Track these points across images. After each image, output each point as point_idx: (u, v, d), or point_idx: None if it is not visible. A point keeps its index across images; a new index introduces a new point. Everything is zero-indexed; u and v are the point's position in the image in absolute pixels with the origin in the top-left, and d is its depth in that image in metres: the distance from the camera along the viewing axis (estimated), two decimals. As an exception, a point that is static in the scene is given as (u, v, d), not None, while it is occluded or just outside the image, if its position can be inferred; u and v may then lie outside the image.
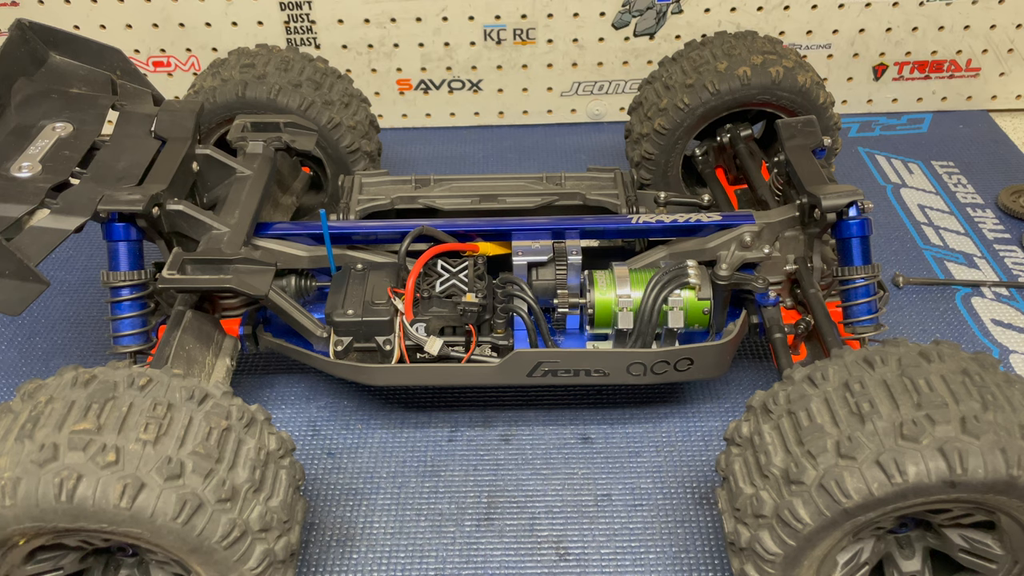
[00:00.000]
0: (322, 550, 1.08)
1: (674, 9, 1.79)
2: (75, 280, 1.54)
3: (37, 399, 0.83)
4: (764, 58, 1.35)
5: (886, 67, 1.89)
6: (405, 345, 1.10)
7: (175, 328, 1.07)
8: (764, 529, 0.81)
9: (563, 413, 1.25)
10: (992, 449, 0.73)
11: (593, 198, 1.29)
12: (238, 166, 1.24)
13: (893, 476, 0.73)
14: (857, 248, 1.10)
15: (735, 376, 1.29)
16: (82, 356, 1.38)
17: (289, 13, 1.79)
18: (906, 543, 0.92)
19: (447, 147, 1.92)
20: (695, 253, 1.16)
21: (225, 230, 1.12)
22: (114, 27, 1.80)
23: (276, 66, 1.41)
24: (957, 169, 1.77)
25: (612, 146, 1.87)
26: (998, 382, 0.80)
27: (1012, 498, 0.76)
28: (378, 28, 1.81)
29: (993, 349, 1.35)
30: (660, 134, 1.41)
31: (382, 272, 1.15)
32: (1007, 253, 1.54)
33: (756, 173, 1.35)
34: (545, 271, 1.18)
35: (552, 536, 1.09)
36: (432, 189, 1.32)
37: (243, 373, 1.33)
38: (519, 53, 1.86)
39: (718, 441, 1.20)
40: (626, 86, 1.91)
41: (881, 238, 1.57)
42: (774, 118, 1.38)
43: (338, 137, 1.42)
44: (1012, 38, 1.84)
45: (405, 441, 1.22)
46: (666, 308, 1.10)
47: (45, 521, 0.77)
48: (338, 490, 1.16)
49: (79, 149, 1.12)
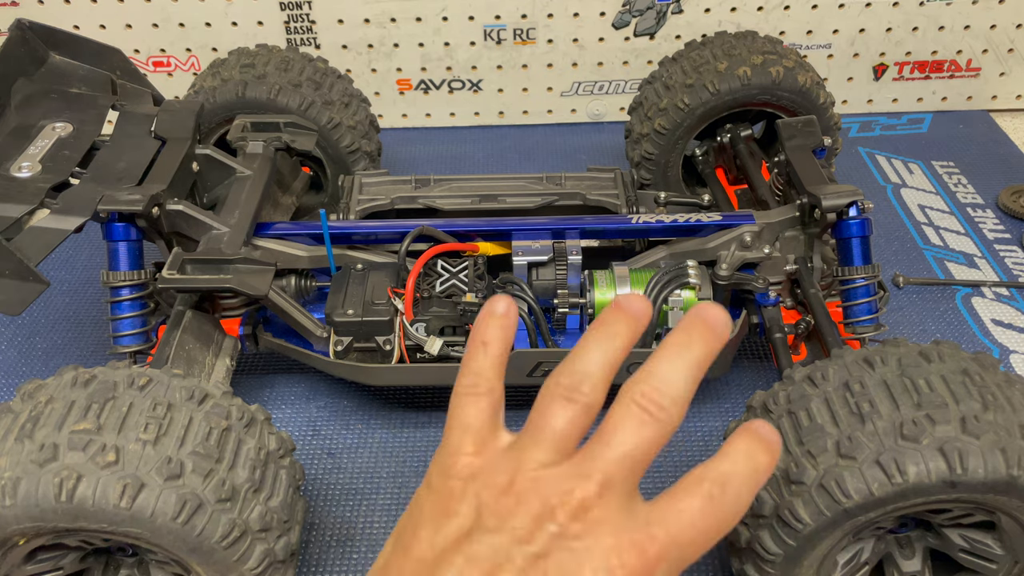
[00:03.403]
0: (322, 550, 1.08)
1: (674, 9, 1.79)
2: (75, 280, 1.53)
3: (37, 399, 0.83)
4: (764, 58, 1.35)
5: (886, 67, 1.89)
6: (405, 345, 1.10)
7: (175, 328, 1.07)
8: (764, 529, 0.81)
9: (563, 413, 1.25)
10: (992, 449, 0.73)
11: (593, 198, 1.29)
12: (238, 166, 1.24)
13: (893, 476, 0.73)
14: (857, 248, 1.10)
15: (735, 376, 1.29)
16: (82, 356, 1.38)
17: (289, 13, 1.79)
18: (906, 543, 0.92)
19: (447, 147, 1.92)
20: (695, 253, 1.16)
21: (225, 230, 1.12)
22: (114, 27, 1.80)
23: (276, 66, 1.41)
24: (957, 169, 1.77)
25: (612, 146, 1.87)
26: (998, 382, 0.80)
27: (1012, 498, 0.76)
28: (378, 28, 1.81)
29: (993, 349, 1.35)
30: (660, 134, 1.41)
31: (382, 272, 1.15)
32: (1007, 253, 1.54)
33: (756, 173, 1.35)
34: (545, 271, 1.18)
35: (552, 536, 1.09)
36: (432, 189, 1.32)
37: (243, 373, 1.33)
38: (519, 53, 1.86)
39: (718, 441, 1.20)
40: (626, 86, 1.91)
41: (881, 238, 1.57)
42: (774, 118, 1.38)
43: (338, 137, 1.42)
44: (1012, 38, 1.84)
45: (405, 441, 1.22)
46: (666, 308, 1.10)
47: (45, 521, 0.77)
48: (338, 490, 1.16)
49: (79, 149, 1.12)
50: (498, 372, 0.44)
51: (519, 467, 0.39)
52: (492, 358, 0.44)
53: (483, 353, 0.44)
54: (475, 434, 0.41)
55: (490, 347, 0.44)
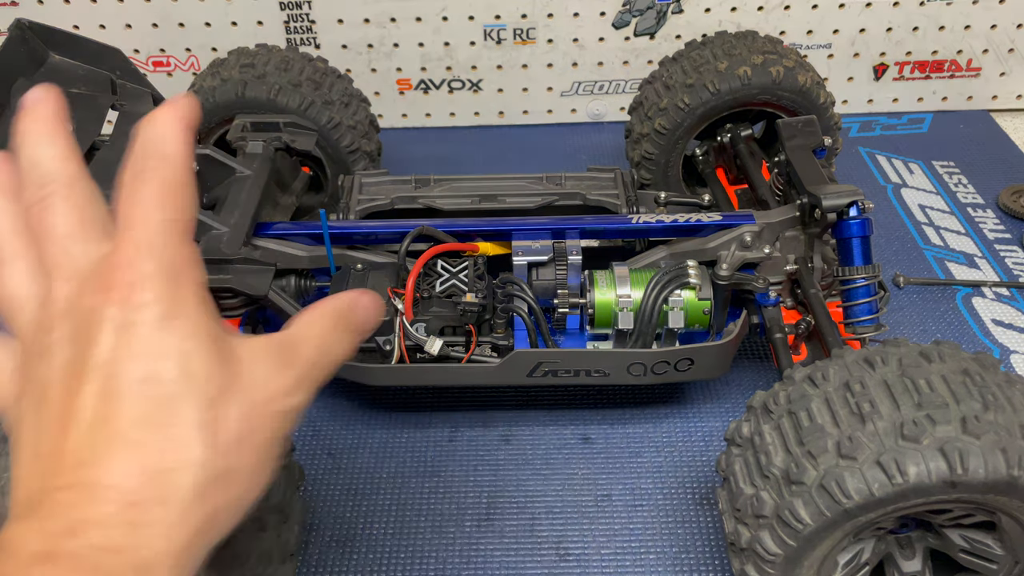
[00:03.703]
0: (322, 550, 1.08)
1: (674, 9, 1.79)
2: (75, 280, 1.53)
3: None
4: (764, 58, 1.35)
5: (887, 67, 1.89)
6: (405, 345, 1.10)
7: (175, 328, 1.06)
8: (764, 529, 0.81)
9: (563, 413, 1.25)
10: (993, 449, 0.73)
11: (593, 198, 1.29)
12: (238, 166, 1.24)
13: (894, 476, 0.73)
14: (857, 248, 1.10)
15: (735, 376, 1.29)
16: (82, 356, 1.38)
17: (289, 13, 1.79)
18: (907, 543, 0.92)
19: (447, 147, 1.92)
20: (695, 253, 1.16)
21: (225, 230, 1.12)
22: (114, 27, 1.79)
23: (276, 66, 1.41)
24: (957, 169, 1.77)
25: (612, 146, 1.87)
26: (999, 382, 0.79)
27: (1013, 498, 0.76)
28: (378, 28, 1.81)
29: (993, 349, 1.35)
30: (660, 134, 1.41)
31: (382, 272, 1.15)
32: (1007, 253, 1.54)
33: (756, 173, 1.35)
34: (545, 271, 1.17)
35: (552, 536, 1.09)
36: (432, 189, 1.32)
37: (243, 373, 1.33)
38: (519, 53, 1.86)
39: (718, 441, 1.20)
40: (626, 86, 1.91)
41: (881, 238, 1.57)
42: (774, 118, 1.37)
43: (338, 137, 1.42)
44: (1013, 38, 1.84)
45: (405, 441, 1.22)
46: (666, 308, 1.10)
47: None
48: (338, 490, 1.15)
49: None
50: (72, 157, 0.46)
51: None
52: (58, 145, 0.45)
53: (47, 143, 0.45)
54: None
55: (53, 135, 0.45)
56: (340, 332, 0.49)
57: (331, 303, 0.50)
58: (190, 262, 0.43)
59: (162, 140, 0.44)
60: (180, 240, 0.42)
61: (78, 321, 0.40)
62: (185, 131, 0.45)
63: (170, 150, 0.44)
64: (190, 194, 0.44)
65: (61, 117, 0.47)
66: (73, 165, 0.45)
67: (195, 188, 0.44)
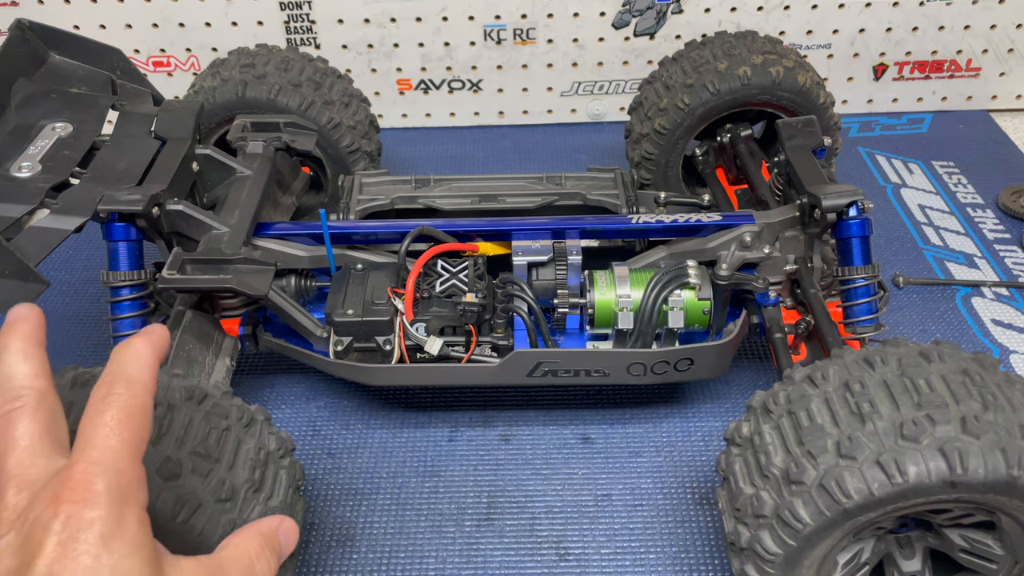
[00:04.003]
0: (322, 550, 1.08)
1: (674, 9, 1.79)
2: (75, 280, 1.53)
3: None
4: (764, 58, 1.35)
5: (886, 67, 1.89)
6: (405, 345, 1.10)
7: (175, 328, 1.06)
8: (764, 529, 0.81)
9: (563, 413, 1.25)
10: (992, 449, 0.73)
11: (593, 198, 1.29)
12: (238, 166, 1.24)
13: (893, 476, 0.73)
14: (857, 248, 1.10)
15: (735, 376, 1.29)
16: (82, 356, 1.38)
17: (289, 13, 1.79)
18: (906, 543, 0.92)
19: (447, 147, 1.92)
20: (695, 253, 1.16)
21: (225, 230, 1.12)
22: (114, 27, 1.80)
23: (276, 66, 1.41)
24: (957, 169, 1.77)
25: (612, 146, 1.87)
26: (998, 382, 0.79)
27: (1012, 498, 0.76)
28: (378, 28, 1.81)
29: (993, 349, 1.35)
30: (660, 134, 1.41)
31: (382, 272, 1.15)
32: (1007, 253, 1.54)
33: (756, 173, 1.35)
34: (545, 271, 1.18)
35: (552, 536, 1.09)
36: (432, 189, 1.32)
37: (243, 373, 1.33)
38: (519, 53, 1.86)
39: (718, 441, 1.20)
40: (626, 86, 1.91)
41: (881, 238, 1.57)
42: (774, 118, 1.38)
43: (338, 137, 1.42)
44: (1012, 38, 1.84)
45: (405, 441, 1.22)
46: (666, 308, 1.10)
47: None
48: (338, 490, 1.15)
49: (79, 149, 1.12)
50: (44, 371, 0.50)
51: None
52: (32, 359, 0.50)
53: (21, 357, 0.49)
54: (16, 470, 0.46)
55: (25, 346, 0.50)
56: (267, 556, 0.55)
57: (256, 528, 0.56)
58: (138, 484, 0.46)
59: (131, 365, 0.49)
60: (132, 462, 0.46)
61: (26, 531, 0.42)
62: (155, 360, 0.50)
63: (136, 375, 0.49)
64: (148, 419, 0.48)
65: (40, 336, 0.51)
66: (44, 382, 0.49)
67: (152, 413, 0.49)
